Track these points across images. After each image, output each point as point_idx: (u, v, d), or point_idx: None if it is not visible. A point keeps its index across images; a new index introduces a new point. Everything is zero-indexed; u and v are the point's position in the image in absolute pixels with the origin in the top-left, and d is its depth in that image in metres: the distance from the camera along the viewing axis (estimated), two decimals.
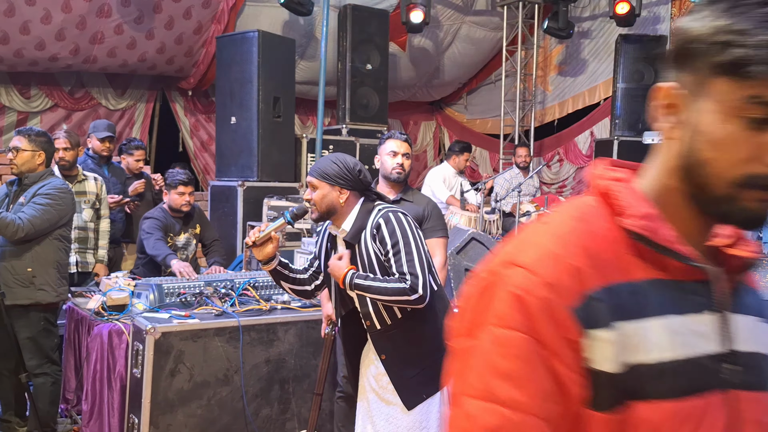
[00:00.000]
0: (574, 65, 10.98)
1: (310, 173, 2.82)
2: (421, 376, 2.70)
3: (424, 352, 2.71)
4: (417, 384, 2.71)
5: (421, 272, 2.64)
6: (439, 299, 2.82)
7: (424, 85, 11.89)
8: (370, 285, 2.65)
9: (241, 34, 7.25)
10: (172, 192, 5.04)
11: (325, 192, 2.76)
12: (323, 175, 2.77)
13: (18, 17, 7.24)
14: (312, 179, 2.79)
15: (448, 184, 6.88)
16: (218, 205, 7.17)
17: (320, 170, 2.78)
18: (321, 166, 2.79)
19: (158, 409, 3.52)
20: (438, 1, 10.17)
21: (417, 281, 2.62)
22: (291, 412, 3.92)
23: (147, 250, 4.84)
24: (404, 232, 2.68)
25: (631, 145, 9.10)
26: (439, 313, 2.77)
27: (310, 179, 2.80)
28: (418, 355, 2.71)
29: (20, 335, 3.93)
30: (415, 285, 2.61)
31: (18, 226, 3.79)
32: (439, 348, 2.67)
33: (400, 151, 3.83)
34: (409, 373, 2.71)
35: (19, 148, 4.01)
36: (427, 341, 2.73)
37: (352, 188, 2.79)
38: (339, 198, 2.76)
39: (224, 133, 7.32)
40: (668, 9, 9.73)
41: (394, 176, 3.82)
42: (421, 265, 2.65)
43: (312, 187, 2.79)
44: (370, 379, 2.84)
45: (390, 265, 2.68)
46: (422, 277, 2.64)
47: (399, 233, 2.67)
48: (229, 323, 3.71)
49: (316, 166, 2.82)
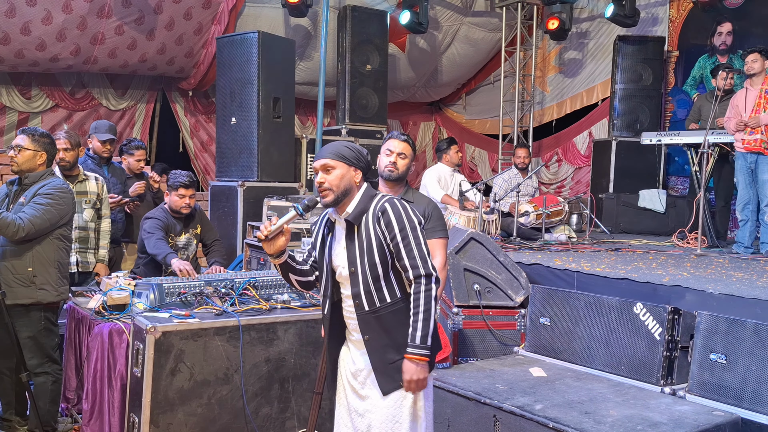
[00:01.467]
0: (573, 66, 11.02)
1: (324, 156, 2.79)
2: (401, 363, 2.72)
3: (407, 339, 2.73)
4: (395, 370, 2.73)
5: (428, 255, 2.74)
6: None
7: (423, 86, 11.92)
8: (425, 328, 2.69)
9: (241, 35, 7.28)
10: (173, 194, 5.06)
11: (343, 172, 2.76)
12: (341, 156, 2.77)
13: (19, 18, 7.26)
14: (328, 161, 2.76)
15: (444, 184, 6.90)
16: (218, 205, 7.20)
17: (336, 152, 2.78)
18: (335, 149, 2.80)
19: (158, 408, 3.53)
20: (437, 2, 10.19)
21: (427, 265, 2.70)
22: (291, 410, 3.94)
23: (148, 249, 4.86)
24: (410, 219, 2.74)
25: (629, 146, 9.13)
26: None
27: (326, 161, 2.76)
28: (401, 341, 2.72)
29: (21, 334, 3.94)
30: (428, 271, 2.70)
31: (19, 225, 3.81)
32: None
33: (395, 150, 3.85)
34: (390, 357, 2.73)
35: (21, 147, 4.03)
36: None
37: (363, 170, 2.83)
38: (355, 178, 2.79)
39: (224, 133, 7.35)
40: (666, 10, 9.76)
41: (386, 174, 3.84)
42: (426, 249, 2.74)
43: (326, 170, 2.76)
44: (348, 376, 2.87)
45: (395, 250, 2.71)
46: (430, 259, 2.73)
47: (405, 219, 2.72)
48: (229, 322, 3.73)
49: (329, 149, 2.81)
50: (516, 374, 3.81)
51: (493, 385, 3.60)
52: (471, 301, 4.66)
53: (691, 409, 3.22)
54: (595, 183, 9.61)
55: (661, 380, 3.55)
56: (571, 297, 4.09)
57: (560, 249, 6.37)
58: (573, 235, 7.26)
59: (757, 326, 3.23)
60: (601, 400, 3.35)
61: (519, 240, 6.63)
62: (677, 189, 9.50)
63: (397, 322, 2.74)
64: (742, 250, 6.17)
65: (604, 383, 3.65)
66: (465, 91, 12.69)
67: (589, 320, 3.92)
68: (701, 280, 4.46)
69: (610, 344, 3.80)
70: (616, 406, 3.27)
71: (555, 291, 4.23)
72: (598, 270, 4.93)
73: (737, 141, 6.16)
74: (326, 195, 2.77)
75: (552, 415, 3.14)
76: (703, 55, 9.36)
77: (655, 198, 8.34)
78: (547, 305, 4.17)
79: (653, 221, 8.33)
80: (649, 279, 4.54)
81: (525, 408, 3.24)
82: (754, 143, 6.00)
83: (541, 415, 3.15)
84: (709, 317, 3.41)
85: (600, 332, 3.86)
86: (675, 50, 9.70)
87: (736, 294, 4.01)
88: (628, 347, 3.71)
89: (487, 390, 3.50)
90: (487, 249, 4.83)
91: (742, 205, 6.27)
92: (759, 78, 6.11)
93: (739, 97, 6.24)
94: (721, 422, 3.07)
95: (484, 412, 3.41)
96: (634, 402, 3.33)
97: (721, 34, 9.14)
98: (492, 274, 4.76)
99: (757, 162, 6.04)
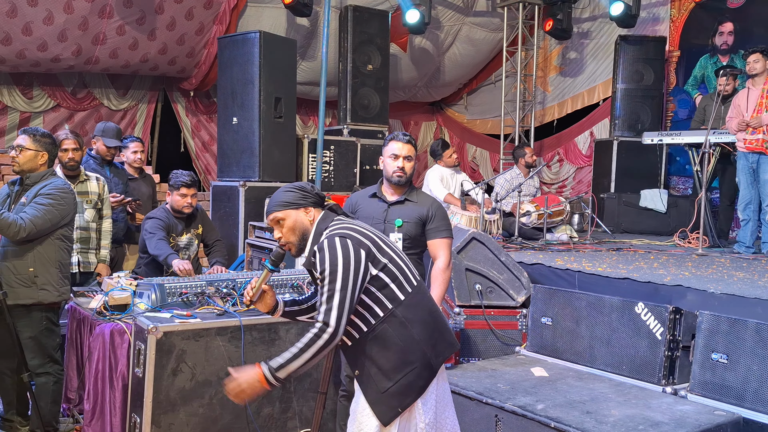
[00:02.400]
0: (574, 66, 11.01)
1: (270, 211, 2.73)
2: (396, 388, 2.62)
3: (397, 364, 2.62)
4: (390, 397, 2.62)
5: (337, 308, 2.52)
6: (414, 308, 2.68)
7: (424, 86, 11.92)
8: (289, 362, 2.56)
9: (243, 35, 7.29)
10: (174, 193, 5.06)
11: (293, 219, 2.69)
12: (285, 204, 2.70)
13: (20, 18, 7.26)
14: (275, 213, 2.70)
15: (446, 183, 6.92)
16: (220, 205, 7.21)
17: (279, 201, 2.71)
18: (277, 199, 2.72)
19: (160, 408, 3.53)
20: (439, 2, 10.19)
21: (329, 316, 2.52)
22: (292, 410, 3.94)
23: (149, 250, 4.86)
24: (334, 262, 2.54)
25: (631, 146, 9.13)
26: (412, 324, 2.65)
27: (273, 215, 2.71)
28: (391, 367, 2.62)
29: (22, 335, 3.94)
30: (327, 321, 2.52)
31: (20, 226, 3.81)
32: (414, 360, 2.62)
33: (401, 153, 3.84)
34: (383, 386, 2.63)
35: (23, 147, 4.03)
36: (400, 353, 2.62)
37: (314, 204, 2.73)
38: (307, 217, 2.71)
39: (226, 133, 7.35)
40: (668, 10, 9.75)
41: (395, 180, 3.84)
42: (341, 298, 2.53)
43: (277, 224, 2.71)
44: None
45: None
46: (337, 312, 2.52)
47: (329, 261, 2.54)
48: (230, 323, 3.73)
49: (273, 202, 2.74)
50: (518, 374, 3.80)
51: (494, 385, 3.60)
52: (473, 300, 4.66)
53: (692, 409, 3.21)
54: (597, 183, 9.62)
55: (663, 380, 3.55)
56: (572, 297, 4.08)
57: (562, 249, 6.36)
58: (574, 234, 7.26)
59: (758, 326, 3.23)
60: (602, 400, 3.35)
61: (521, 240, 6.63)
62: (678, 189, 9.50)
63: (382, 351, 2.64)
64: (744, 249, 6.17)
65: (606, 383, 3.64)
66: (466, 91, 12.70)
67: (590, 320, 3.92)
68: (703, 280, 4.46)
69: (612, 344, 3.80)
70: (617, 405, 3.27)
71: (557, 291, 4.23)
72: (600, 270, 4.93)
73: (739, 141, 6.16)
74: (289, 249, 2.72)
75: (554, 415, 3.13)
76: (705, 54, 9.36)
77: (657, 198, 8.34)
78: (549, 305, 4.17)
79: (654, 221, 8.33)
80: (650, 279, 4.53)
81: (527, 408, 3.24)
82: (755, 143, 6.00)
83: (543, 415, 3.15)
84: (710, 317, 3.41)
85: (601, 332, 3.85)
86: (676, 50, 9.69)
87: (738, 294, 4.00)
88: (629, 347, 3.71)
89: (489, 390, 3.50)
90: (488, 249, 4.82)
91: (743, 205, 6.27)
92: (761, 78, 6.11)
93: (740, 97, 6.24)
94: (722, 422, 3.07)
95: (485, 412, 3.41)
96: (636, 402, 3.33)
97: (723, 33, 9.13)
98: (494, 274, 4.76)
99: (758, 162, 6.04)
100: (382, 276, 2.64)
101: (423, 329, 2.67)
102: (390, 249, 2.72)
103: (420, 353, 2.65)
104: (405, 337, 2.64)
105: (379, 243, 2.68)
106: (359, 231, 2.66)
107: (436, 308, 2.83)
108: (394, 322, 2.64)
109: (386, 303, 2.63)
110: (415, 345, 2.64)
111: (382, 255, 2.66)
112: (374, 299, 2.63)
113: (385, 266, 2.65)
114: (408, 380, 2.62)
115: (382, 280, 2.64)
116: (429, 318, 2.73)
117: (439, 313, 2.85)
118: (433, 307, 2.82)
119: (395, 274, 2.67)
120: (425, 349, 2.66)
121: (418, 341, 2.64)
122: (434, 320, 2.75)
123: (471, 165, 12.36)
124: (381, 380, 2.64)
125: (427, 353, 2.66)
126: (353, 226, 2.68)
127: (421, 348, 2.65)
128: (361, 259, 2.57)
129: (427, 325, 2.69)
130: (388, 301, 2.64)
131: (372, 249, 2.63)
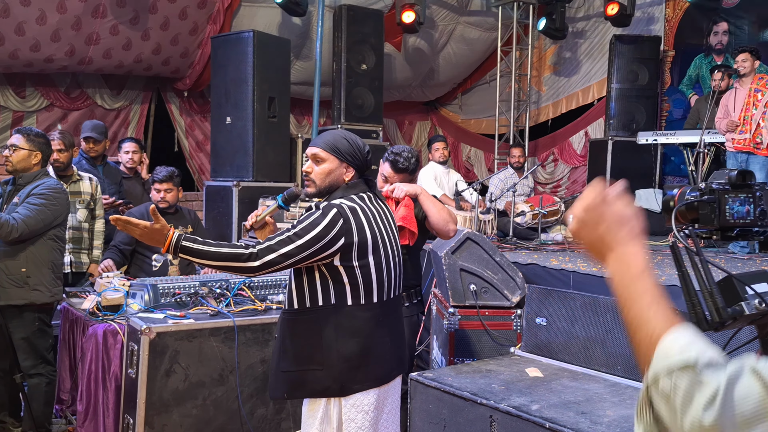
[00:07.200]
0: (568, 65, 11.02)
1: (317, 144, 2.61)
2: (289, 377, 2.58)
3: (301, 357, 2.56)
4: (282, 381, 2.60)
5: (280, 253, 2.43)
6: (358, 321, 2.57)
7: (419, 86, 11.91)
8: (197, 252, 2.44)
9: (237, 35, 7.27)
10: (152, 189, 5.02)
11: (332, 167, 2.59)
12: (335, 149, 2.58)
13: (12, 18, 7.22)
14: (319, 151, 2.59)
15: (439, 182, 6.92)
16: (213, 205, 7.19)
17: (331, 143, 2.59)
18: (331, 140, 2.60)
19: (153, 409, 3.52)
20: (433, 2, 10.19)
21: (265, 254, 2.42)
22: (286, 411, 3.93)
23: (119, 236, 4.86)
24: (316, 223, 2.45)
25: (626, 146, 9.14)
26: (343, 332, 2.55)
27: (317, 151, 2.59)
28: (295, 355, 2.57)
29: (15, 336, 3.93)
30: (260, 254, 2.42)
31: (12, 226, 3.79)
32: (320, 363, 2.54)
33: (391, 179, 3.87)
34: (283, 365, 2.59)
35: (16, 146, 4.01)
36: (311, 348, 2.55)
37: (357, 168, 2.64)
38: (344, 176, 2.61)
39: (219, 133, 7.33)
40: (662, 9, 9.76)
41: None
42: (288, 249, 2.43)
43: (316, 160, 2.59)
44: None
45: None
46: (275, 255, 2.43)
47: (311, 219, 2.47)
48: (224, 323, 3.72)
49: (325, 138, 2.61)
50: (512, 374, 3.80)
51: (489, 385, 3.59)
52: (467, 301, 4.65)
53: None
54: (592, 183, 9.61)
55: None
56: (567, 297, 4.08)
57: (556, 249, 6.36)
58: (569, 235, 7.26)
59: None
60: (597, 401, 3.34)
61: (515, 240, 6.63)
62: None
63: (297, 337, 2.57)
64: (739, 249, 6.18)
65: (601, 383, 3.64)
66: (461, 91, 12.69)
67: (585, 320, 3.92)
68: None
69: (607, 344, 3.79)
70: (612, 406, 3.26)
71: (551, 291, 4.22)
72: (595, 270, 4.93)
73: (728, 141, 6.20)
74: (308, 185, 2.64)
75: (548, 415, 3.13)
76: (699, 54, 9.37)
77: (651, 198, 8.35)
78: (544, 305, 4.16)
79: (649, 221, 8.24)
80: None
81: (521, 408, 3.23)
82: (743, 142, 6.04)
83: (538, 415, 3.14)
84: None
85: (596, 332, 3.85)
86: (671, 50, 9.70)
87: None
88: (624, 347, 3.71)
89: (484, 390, 3.50)
90: (483, 249, 4.82)
91: None
92: (748, 78, 6.15)
93: (728, 97, 6.27)
94: None
95: (480, 412, 3.40)
96: (631, 402, 3.32)
97: (718, 33, 9.15)
98: (488, 274, 4.76)
99: (747, 161, 6.07)
100: (357, 272, 2.54)
101: (351, 345, 2.56)
102: (385, 255, 2.63)
103: (331, 363, 2.54)
104: (328, 339, 2.54)
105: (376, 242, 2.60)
106: (361, 220, 2.56)
107: (386, 339, 2.67)
108: (330, 319, 2.54)
109: (341, 297, 2.54)
110: (331, 353, 2.54)
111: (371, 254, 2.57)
112: (336, 285, 2.53)
113: (365, 266, 2.56)
114: (302, 379, 2.57)
115: (354, 276, 2.54)
116: (366, 341, 2.59)
117: (386, 345, 2.69)
118: (383, 337, 2.66)
119: (370, 278, 2.57)
120: (339, 364, 2.53)
121: (336, 351, 2.54)
122: (372, 346, 2.60)
123: (465, 165, 12.36)
124: (284, 360, 2.60)
125: (341, 369, 2.54)
126: (360, 212, 2.58)
127: (333, 359, 2.53)
128: (334, 241, 2.47)
129: (358, 345, 2.56)
130: (342, 296, 2.54)
131: (357, 242, 2.53)
